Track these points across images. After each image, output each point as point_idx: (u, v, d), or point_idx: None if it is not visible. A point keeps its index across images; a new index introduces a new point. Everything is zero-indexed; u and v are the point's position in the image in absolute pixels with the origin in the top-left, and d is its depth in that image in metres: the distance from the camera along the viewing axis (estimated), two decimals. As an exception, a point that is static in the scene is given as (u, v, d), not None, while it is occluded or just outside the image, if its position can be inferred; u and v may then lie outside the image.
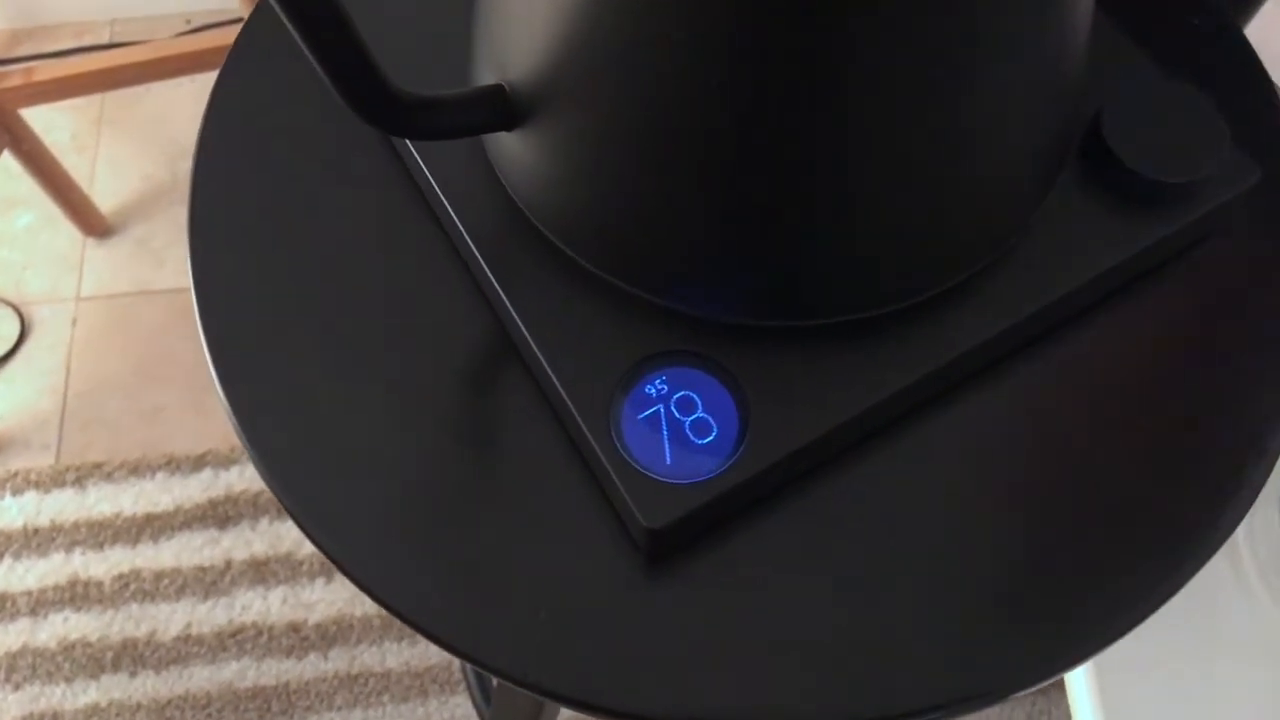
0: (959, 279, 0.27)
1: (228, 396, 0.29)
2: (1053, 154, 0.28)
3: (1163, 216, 0.28)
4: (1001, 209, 0.28)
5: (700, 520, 0.27)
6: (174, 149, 1.23)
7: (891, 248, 0.26)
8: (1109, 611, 0.27)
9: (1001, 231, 0.28)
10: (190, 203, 0.32)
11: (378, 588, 0.27)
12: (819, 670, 0.27)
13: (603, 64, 0.24)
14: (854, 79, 0.22)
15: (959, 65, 0.23)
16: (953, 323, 0.27)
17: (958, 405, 0.29)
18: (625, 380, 0.27)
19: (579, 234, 0.28)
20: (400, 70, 0.24)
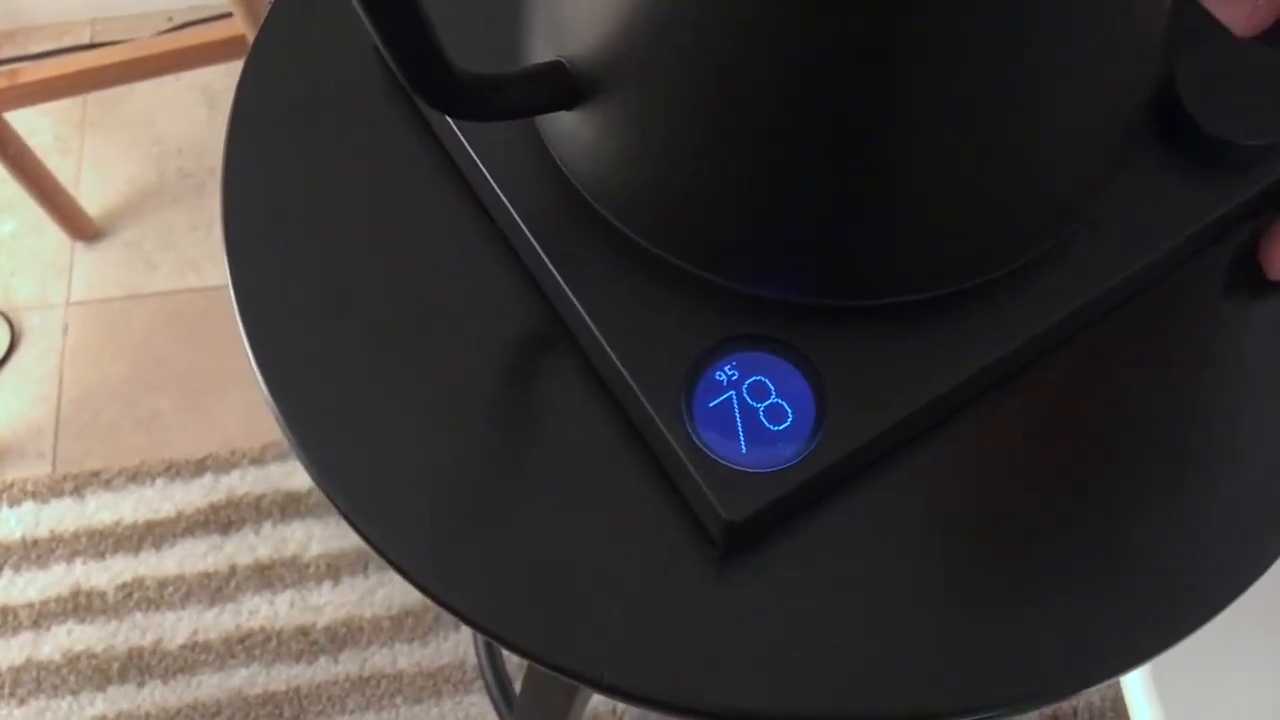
0: (1038, 251, 0.26)
1: (275, 399, 0.28)
2: (1130, 119, 0.27)
3: (1242, 179, 0.28)
4: (1079, 176, 0.27)
5: (778, 511, 0.26)
6: (160, 149, 1.21)
7: (967, 221, 0.25)
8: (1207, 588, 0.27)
9: (1079, 200, 0.27)
10: (223, 199, 0.31)
11: (442, 591, 0.26)
12: (901, 665, 0.26)
13: (670, 35, 0.23)
14: (923, 46, 0.21)
15: (1035, 30, 0.22)
16: (1034, 296, 0.26)
17: (1035, 384, 0.28)
18: (694, 367, 0.26)
19: (641, 214, 0.26)
20: (451, 49, 0.23)
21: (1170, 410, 0.28)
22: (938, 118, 0.23)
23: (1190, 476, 0.28)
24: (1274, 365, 0.29)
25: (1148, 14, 0.25)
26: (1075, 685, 0.26)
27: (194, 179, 1.15)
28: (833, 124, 0.23)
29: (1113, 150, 0.27)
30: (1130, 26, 0.24)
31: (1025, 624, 0.26)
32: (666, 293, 0.27)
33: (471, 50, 0.27)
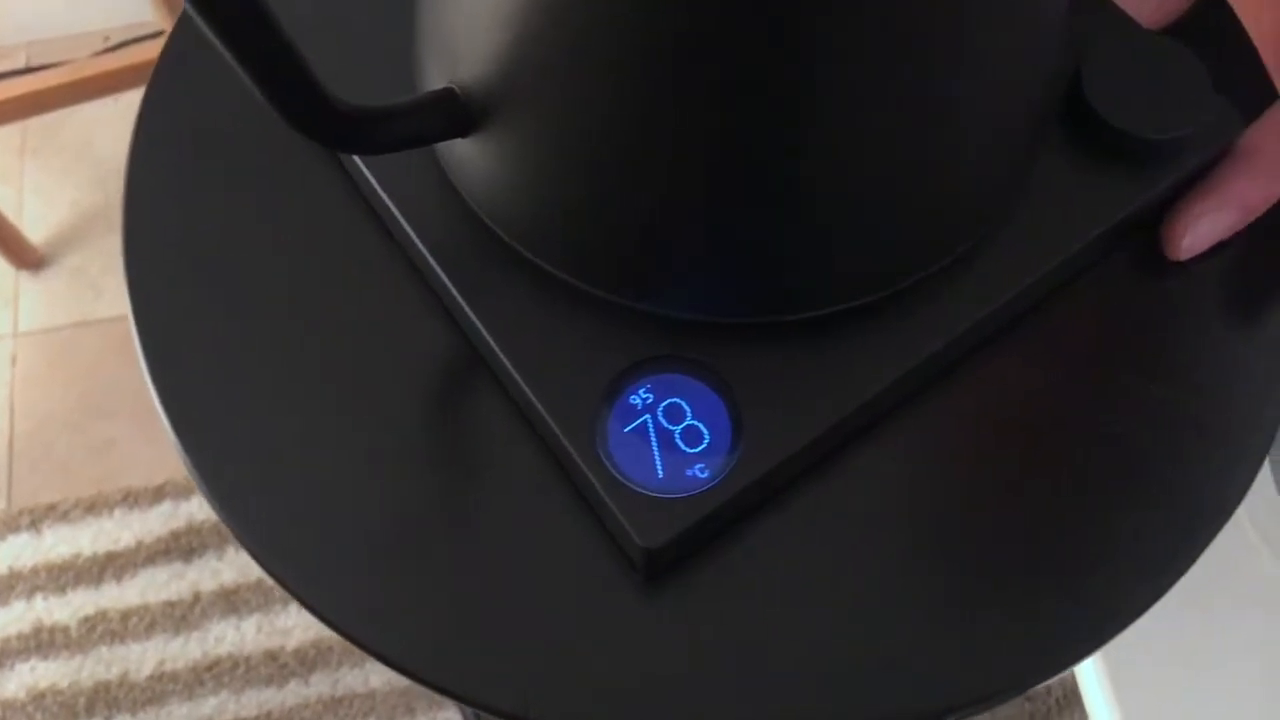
0: (950, 258, 0.26)
1: (181, 443, 0.27)
2: (1035, 118, 0.27)
3: (1152, 174, 0.27)
4: (986, 181, 0.26)
5: (700, 533, 0.25)
6: (103, 171, 1.19)
7: (873, 233, 0.25)
8: (1125, 590, 0.26)
9: (988, 204, 0.27)
10: (124, 235, 0.30)
11: (357, 632, 0.26)
12: (827, 676, 0.26)
13: (561, 58, 0.22)
14: (817, 61, 0.21)
15: (931, 36, 0.22)
16: (947, 303, 0.26)
17: (953, 389, 0.28)
18: (608, 392, 0.26)
19: (546, 240, 0.26)
20: (337, 79, 0.22)
21: (1093, 406, 0.28)
22: (835, 134, 0.23)
23: (1118, 470, 0.27)
24: (1191, 355, 0.29)
25: (1046, 12, 0.25)
26: (1012, 688, 0.26)
27: (139, 201, 1.14)
28: (728, 144, 0.22)
29: (1019, 152, 0.27)
30: (1029, 27, 0.24)
31: (957, 627, 0.26)
32: (577, 318, 0.26)
33: (368, 81, 0.26)
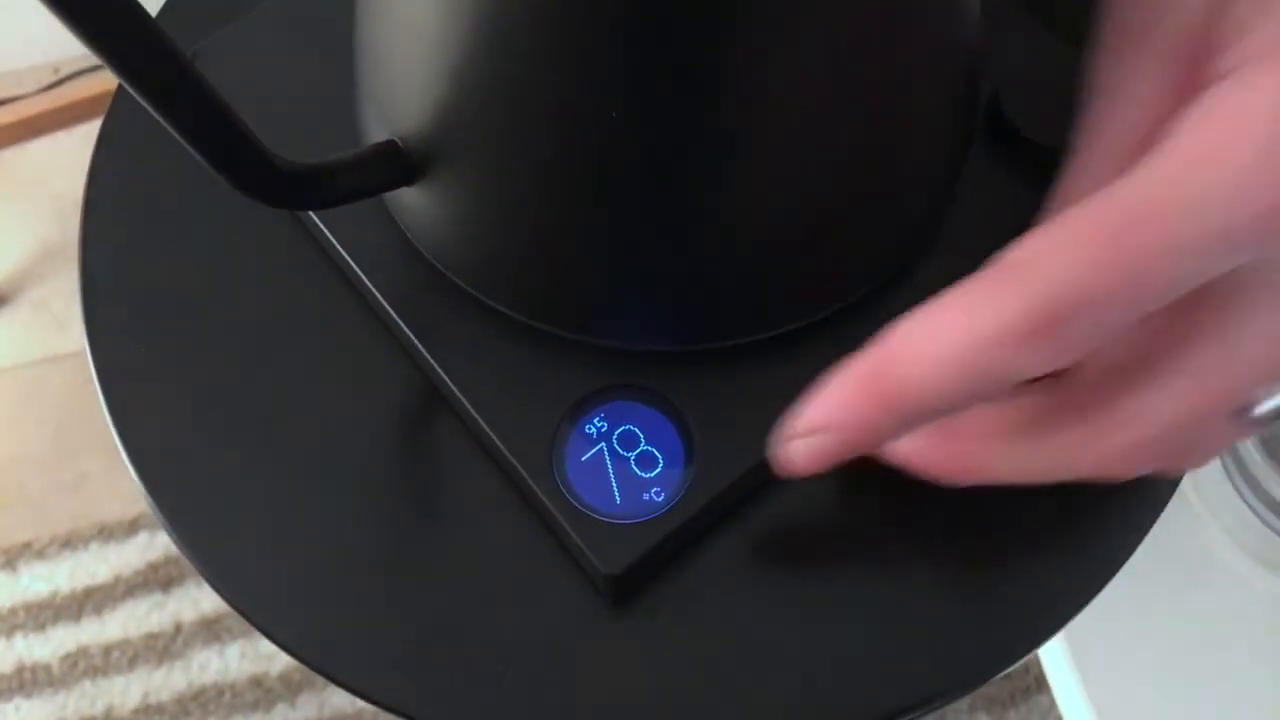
0: (884, 277, 0.27)
1: (145, 484, 0.28)
2: (958, 136, 0.28)
3: None
4: (915, 202, 0.27)
5: (660, 555, 0.26)
6: (59, 205, 1.18)
7: (807, 258, 0.26)
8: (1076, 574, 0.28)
9: (919, 223, 0.28)
10: (81, 280, 0.31)
11: (326, 665, 0.27)
12: (794, 685, 0.27)
13: (495, 108, 0.23)
14: (743, 108, 0.22)
15: (852, 67, 0.23)
16: (886, 319, 0.27)
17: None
18: (563, 424, 0.26)
19: (494, 280, 0.27)
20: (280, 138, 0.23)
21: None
22: (765, 172, 0.24)
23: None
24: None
25: (962, 35, 0.26)
26: (982, 674, 0.28)
27: (97, 233, 1.13)
28: (662, 185, 0.23)
29: (944, 170, 0.28)
30: (946, 51, 0.25)
31: (913, 627, 0.27)
32: (529, 353, 0.27)
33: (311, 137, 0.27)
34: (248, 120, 0.21)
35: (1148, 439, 0.21)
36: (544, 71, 0.22)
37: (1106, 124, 0.23)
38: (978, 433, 0.23)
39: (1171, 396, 0.21)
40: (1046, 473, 0.23)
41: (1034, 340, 0.19)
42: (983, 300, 0.20)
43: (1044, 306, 0.19)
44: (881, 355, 0.21)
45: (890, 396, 0.21)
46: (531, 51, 0.22)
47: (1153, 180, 0.19)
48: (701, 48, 0.21)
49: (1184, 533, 0.48)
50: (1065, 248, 0.19)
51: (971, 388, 0.20)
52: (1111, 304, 0.19)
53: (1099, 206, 0.19)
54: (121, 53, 0.18)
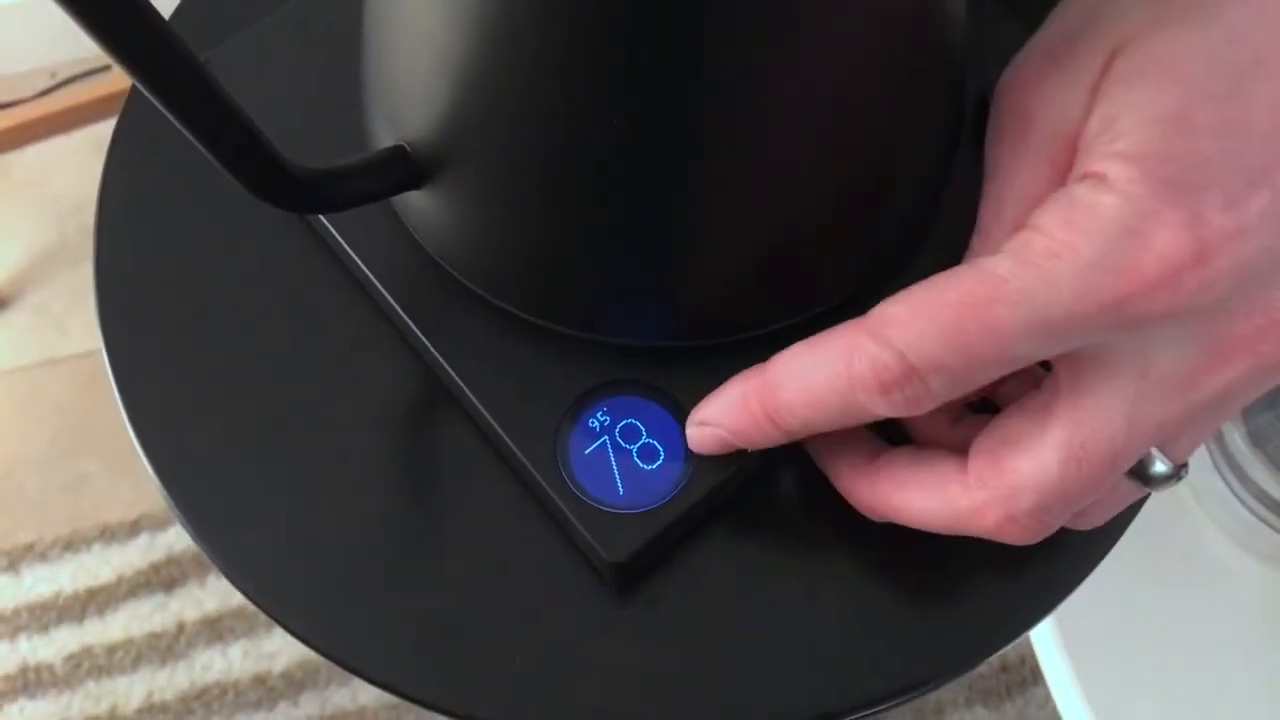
0: (877, 274, 0.28)
1: (160, 479, 0.29)
2: (948, 141, 0.29)
3: None
4: (906, 200, 0.28)
5: (663, 543, 0.27)
6: (57, 209, 1.19)
7: (803, 257, 0.27)
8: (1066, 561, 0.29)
9: (909, 221, 0.29)
10: (96, 279, 0.31)
11: (339, 652, 0.27)
12: (792, 668, 0.28)
13: (499, 113, 0.24)
14: (739, 102, 0.23)
15: (846, 73, 0.24)
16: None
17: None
18: (567, 418, 0.27)
19: (500, 280, 0.28)
20: (291, 143, 0.24)
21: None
22: (766, 172, 0.24)
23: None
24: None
25: (948, 37, 0.26)
26: (975, 657, 0.28)
27: (96, 236, 1.14)
28: (662, 182, 0.24)
29: (933, 167, 0.29)
30: (934, 52, 0.26)
31: (918, 607, 0.28)
32: (534, 350, 0.28)
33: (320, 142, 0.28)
34: (258, 125, 0.22)
35: (1036, 506, 0.23)
36: (546, 78, 0.23)
37: (996, 199, 0.25)
38: (896, 482, 0.26)
39: (1051, 467, 0.23)
40: (952, 528, 0.25)
41: (883, 391, 0.22)
42: (848, 348, 0.23)
43: (894, 365, 0.22)
44: (769, 377, 0.25)
45: (770, 414, 0.24)
46: (534, 59, 0.22)
47: (1006, 265, 0.21)
48: (702, 55, 0.21)
49: (1172, 523, 0.49)
50: (920, 316, 0.22)
51: (837, 418, 0.24)
52: (951, 371, 0.22)
53: (957, 282, 0.22)
54: (139, 59, 0.19)
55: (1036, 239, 0.21)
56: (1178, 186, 0.20)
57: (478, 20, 0.22)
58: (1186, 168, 0.20)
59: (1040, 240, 0.21)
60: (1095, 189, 0.21)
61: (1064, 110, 0.23)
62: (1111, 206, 0.21)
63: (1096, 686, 0.46)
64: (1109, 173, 0.21)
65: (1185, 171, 0.20)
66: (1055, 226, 0.21)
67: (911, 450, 0.26)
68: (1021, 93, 0.24)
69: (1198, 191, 0.20)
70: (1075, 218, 0.21)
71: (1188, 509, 0.49)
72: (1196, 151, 0.20)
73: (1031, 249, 0.21)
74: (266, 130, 0.22)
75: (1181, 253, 0.20)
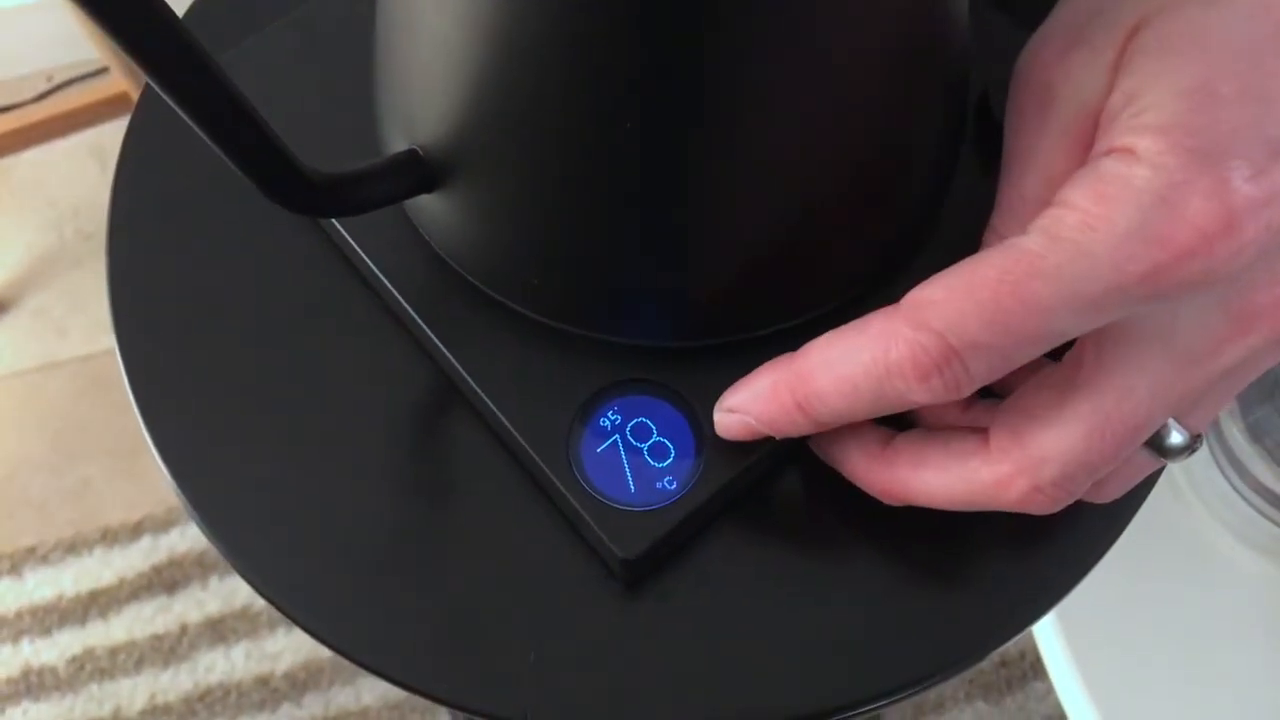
0: (884, 272, 0.28)
1: (177, 481, 0.29)
2: (950, 140, 0.29)
3: None
4: (910, 201, 0.29)
5: (674, 540, 0.27)
6: (55, 212, 1.19)
7: (809, 257, 0.27)
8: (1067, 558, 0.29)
9: (914, 221, 0.29)
10: (109, 282, 0.32)
11: (354, 649, 0.28)
12: (799, 664, 0.28)
13: (512, 117, 0.24)
14: (747, 107, 0.23)
15: (853, 77, 0.24)
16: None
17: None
18: (579, 417, 0.28)
19: (511, 282, 0.28)
20: (304, 147, 0.24)
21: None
22: (769, 173, 0.25)
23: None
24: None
25: (949, 39, 0.27)
26: (982, 650, 0.29)
27: (94, 239, 1.14)
28: (672, 185, 0.24)
29: (937, 168, 0.29)
30: (933, 53, 0.26)
31: (924, 602, 0.29)
32: (545, 351, 0.28)
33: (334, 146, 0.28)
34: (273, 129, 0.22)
35: (1061, 476, 0.24)
36: (558, 81, 0.23)
37: (1019, 177, 0.25)
38: (914, 462, 0.26)
39: (1076, 437, 0.23)
40: (974, 503, 0.25)
41: (922, 376, 0.22)
42: (885, 334, 0.23)
43: (934, 347, 0.22)
44: (800, 365, 0.24)
45: (800, 403, 0.24)
46: (545, 62, 0.23)
47: (1040, 241, 0.21)
48: (711, 59, 0.22)
49: (1172, 517, 0.49)
50: (957, 297, 0.22)
51: (869, 408, 0.24)
52: (991, 351, 0.22)
53: (992, 261, 0.22)
54: (157, 62, 0.19)
55: (1068, 214, 0.21)
56: (1206, 157, 0.21)
57: (490, 24, 0.23)
58: (1213, 138, 0.21)
59: (1072, 215, 0.21)
60: (1125, 161, 0.21)
61: (1086, 86, 0.23)
62: (1143, 178, 0.21)
63: (1098, 679, 0.46)
64: (1137, 146, 0.21)
65: (1212, 142, 0.21)
66: (1087, 200, 0.21)
67: (924, 432, 0.26)
68: (1042, 70, 0.25)
69: (1225, 161, 0.21)
70: (1107, 190, 0.21)
71: (1187, 503, 0.50)
72: (1222, 122, 0.21)
73: (1064, 224, 0.21)
74: (280, 134, 0.22)
75: (1214, 221, 0.20)
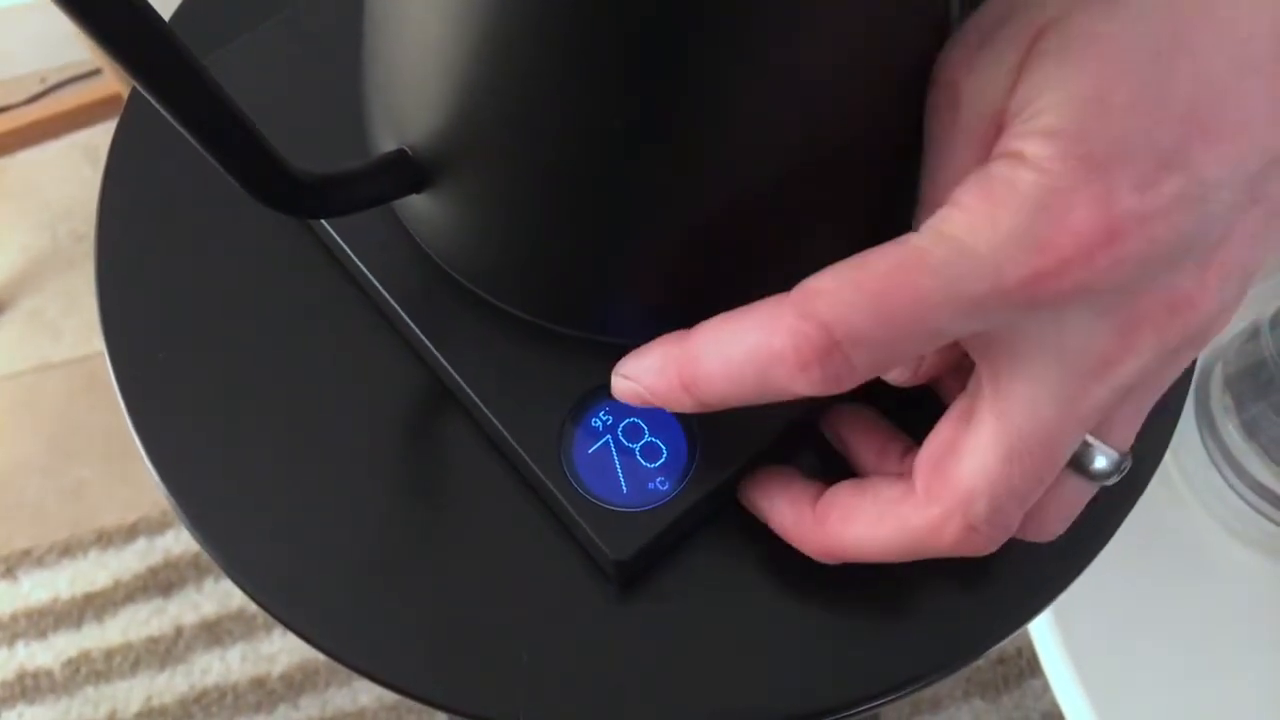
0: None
1: (167, 486, 0.29)
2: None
3: None
4: (891, 204, 0.28)
5: (665, 541, 0.27)
6: (49, 214, 1.19)
7: (796, 258, 0.27)
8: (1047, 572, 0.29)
9: (899, 216, 0.29)
10: (97, 284, 0.32)
11: (347, 653, 0.27)
12: (791, 663, 0.28)
13: (500, 117, 0.24)
14: (734, 110, 0.23)
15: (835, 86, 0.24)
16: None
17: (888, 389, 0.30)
18: (571, 418, 0.28)
19: (501, 282, 0.28)
20: (293, 147, 0.24)
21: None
22: (756, 175, 0.25)
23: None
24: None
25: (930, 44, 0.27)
26: (976, 649, 0.29)
27: (88, 240, 1.14)
28: (661, 186, 0.24)
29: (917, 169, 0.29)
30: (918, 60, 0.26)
31: (912, 607, 0.29)
32: (536, 351, 0.28)
33: (322, 147, 0.28)
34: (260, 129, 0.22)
35: (990, 510, 0.23)
36: (545, 82, 0.23)
37: (931, 175, 0.25)
38: (845, 517, 0.26)
39: (995, 461, 0.23)
40: (912, 551, 0.25)
41: (803, 366, 0.22)
42: (770, 320, 0.22)
43: (816, 337, 0.22)
44: (690, 344, 0.24)
45: (686, 384, 0.24)
46: (535, 64, 0.23)
47: (929, 238, 0.21)
48: (698, 63, 0.22)
49: (1168, 514, 0.49)
50: (846, 288, 0.22)
51: (753, 393, 0.23)
52: (875, 345, 0.22)
53: (884, 254, 0.22)
54: (143, 64, 0.19)
55: (956, 213, 0.21)
56: (1093, 165, 0.20)
57: (477, 24, 0.22)
58: (1102, 146, 0.20)
59: (960, 215, 0.21)
60: (1013, 165, 0.21)
61: (990, 89, 0.23)
62: (1028, 183, 0.21)
63: (1094, 676, 0.46)
64: (1026, 150, 0.21)
65: (1101, 150, 0.20)
66: (974, 201, 0.21)
67: (852, 482, 0.26)
68: (952, 72, 0.24)
69: (1112, 170, 0.20)
70: (995, 193, 0.21)
71: (1183, 499, 0.50)
72: (1113, 130, 0.20)
73: (952, 222, 0.21)
74: (267, 135, 0.22)
75: (1095, 230, 0.20)
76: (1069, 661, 0.46)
